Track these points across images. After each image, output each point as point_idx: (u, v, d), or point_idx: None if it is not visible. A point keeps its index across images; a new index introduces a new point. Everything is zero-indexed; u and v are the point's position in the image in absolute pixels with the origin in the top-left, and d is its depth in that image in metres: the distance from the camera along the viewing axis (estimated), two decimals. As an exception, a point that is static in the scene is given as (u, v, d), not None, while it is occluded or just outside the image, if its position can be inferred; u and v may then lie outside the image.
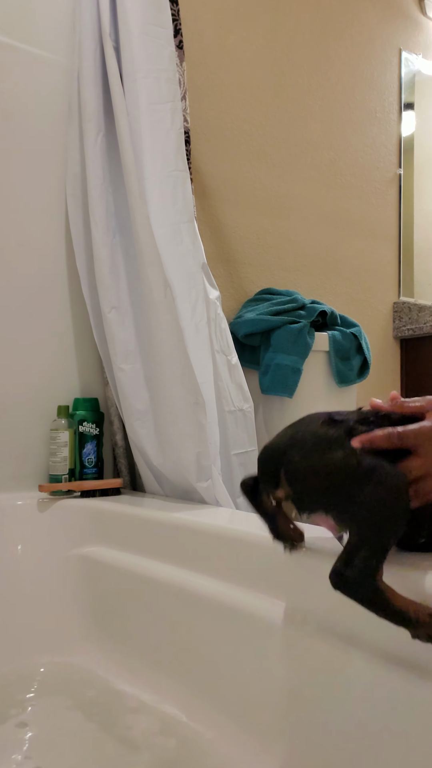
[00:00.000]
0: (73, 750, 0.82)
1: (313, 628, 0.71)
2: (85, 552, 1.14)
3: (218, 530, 0.91)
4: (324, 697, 0.69)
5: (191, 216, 1.29)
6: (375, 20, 2.06)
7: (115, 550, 1.09)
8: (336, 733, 0.67)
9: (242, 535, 0.86)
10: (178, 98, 1.30)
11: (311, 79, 1.89)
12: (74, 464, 1.29)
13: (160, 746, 0.82)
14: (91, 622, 1.10)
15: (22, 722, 0.89)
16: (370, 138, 2.04)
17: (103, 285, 1.28)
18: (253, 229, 1.75)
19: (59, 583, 1.14)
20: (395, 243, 2.10)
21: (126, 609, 1.04)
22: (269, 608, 0.77)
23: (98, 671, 1.02)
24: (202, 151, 1.65)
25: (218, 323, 1.35)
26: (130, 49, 1.26)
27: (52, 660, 1.06)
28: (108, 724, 0.88)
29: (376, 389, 2.03)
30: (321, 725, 0.69)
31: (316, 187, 1.90)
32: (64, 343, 1.38)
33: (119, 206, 1.32)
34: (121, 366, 1.27)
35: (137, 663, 0.99)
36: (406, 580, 0.60)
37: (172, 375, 1.17)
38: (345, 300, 1.96)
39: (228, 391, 1.34)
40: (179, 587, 0.92)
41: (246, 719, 0.79)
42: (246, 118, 1.74)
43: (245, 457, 1.36)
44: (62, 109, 1.39)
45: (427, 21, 2.24)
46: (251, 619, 0.79)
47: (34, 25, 1.35)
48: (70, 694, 0.97)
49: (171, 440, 1.19)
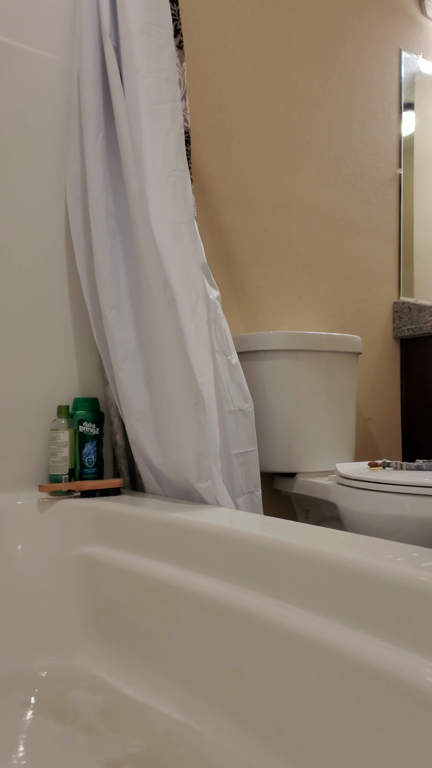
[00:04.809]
0: (73, 750, 0.82)
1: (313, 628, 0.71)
2: (85, 552, 1.14)
3: (218, 530, 0.91)
4: (324, 697, 0.69)
5: (191, 216, 1.29)
6: (375, 20, 2.07)
7: (115, 550, 1.09)
8: (336, 733, 0.67)
9: (242, 535, 0.86)
10: (178, 98, 1.30)
11: (311, 79, 1.89)
12: (74, 464, 1.29)
13: (160, 746, 0.82)
14: (91, 622, 1.10)
15: (22, 722, 0.89)
16: (370, 138, 2.05)
17: (103, 285, 1.28)
18: (253, 229, 1.75)
19: (59, 583, 1.14)
20: (395, 243, 2.10)
21: (126, 609, 1.04)
22: (269, 608, 0.77)
23: (98, 671, 1.02)
24: (202, 151, 1.65)
25: (218, 323, 1.35)
26: (130, 49, 1.26)
27: (52, 660, 1.06)
28: (108, 724, 0.88)
29: (377, 389, 2.03)
30: (321, 725, 0.69)
31: (316, 187, 1.90)
32: (64, 343, 1.38)
33: (119, 206, 1.32)
34: (121, 366, 1.27)
35: (137, 662, 0.99)
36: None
37: (172, 375, 1.17)
38: (345, 300, 1.96)
39: (228, 391, 1.34)
40: (179, 587, 0.92)
41: (246, 719, 0.79)
42: (246, 118, 1.74)
43: (245, 457, 1.36)
44: (62, 109, 1.39)
45: (427, 21, 2.25)
46: (251, 619, 0.79)
47: (34, 25, 1.35)
48: (70, 694, 0.97)
49: (171, 440, 1.19)
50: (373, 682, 0.64)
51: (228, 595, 0.84)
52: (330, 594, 0.72)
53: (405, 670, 0.61)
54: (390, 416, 2.07)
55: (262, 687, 0.77)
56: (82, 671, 1.03)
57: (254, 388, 1.55)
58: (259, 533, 0.85)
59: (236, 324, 1.69)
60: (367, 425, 2.00)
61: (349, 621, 0.69)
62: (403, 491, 1.27)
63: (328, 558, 0.73)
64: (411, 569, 0.65)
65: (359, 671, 0.65)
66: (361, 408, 1.98)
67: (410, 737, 0.60)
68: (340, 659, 0.67)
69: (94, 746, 0.83)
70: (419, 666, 0.61)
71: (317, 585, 0.74)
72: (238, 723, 0.80)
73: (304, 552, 0.76)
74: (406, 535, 1.27)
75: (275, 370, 1.57)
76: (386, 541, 0.77)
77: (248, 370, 1.57)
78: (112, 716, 0.90)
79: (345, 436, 1.67)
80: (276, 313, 1.79)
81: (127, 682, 0.97)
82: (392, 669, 0.62)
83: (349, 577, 0.70)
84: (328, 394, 1.62)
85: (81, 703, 0.94)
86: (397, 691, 0.61)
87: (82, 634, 1.10)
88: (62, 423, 1.29)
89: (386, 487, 1.29)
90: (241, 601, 0.82)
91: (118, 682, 0.98)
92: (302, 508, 1.72)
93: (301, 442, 1.59)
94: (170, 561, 0.97)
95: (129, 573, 1.03)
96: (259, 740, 0.76)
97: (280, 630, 0.75)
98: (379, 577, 0.67)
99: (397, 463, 1.46)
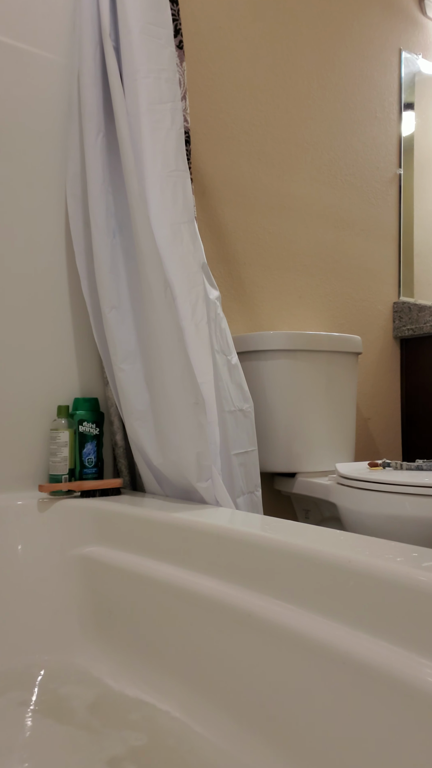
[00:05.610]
0: (72, 750, 0.82)
1: (313, 628, 0.71)
2: (86, 552, 1.14)
3: (218, 530, 0.91)
4: (324, 697, 0.69)
5: (191, 216, 1.29)
6: (375, 20, 2.07)
7: (115, 550, 1.09)
8: (336, 733, 0.67)
9: (242, 535, 0.86)
10: (178, 98, 1.30)
11: (311, 79, 1.89)
12: (74, 464, 1.29)
13: (160, 746, 0.82)
14: (91, 622, 1.10)
15: (22, 723, 0.89)
16: (370, 138, 2.05)
17: (103, 285, 1.28)
18: (253, 229, 1.75)
19: (59, 583, 1.14)
20: (395, 243, 2.11)
21: (126, 609, 1.04)
22: (269, 608, 0.77)
23: (98, 671, 1.02)
24: (202, 151, 1.65)
25: (218, 323, 1.35)
26: (130, 49, 1.26)
27: (52, 660, 1.06)
28: (108, 724, 0.88)
29: (377, 389, 2.03)
30: (321, 725, 0.69)
31: (316, 187, 1.90)
32: (64, 343, 1.38)
33: (119, 206, 1.32)
34: (121, 366, 1.27)
35: (137, 663, 0.99)
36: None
37: (172, 375, 1.17)
38: (345, 300, 1.96)
39: (228, 391, 1.34)
40: (179, 587, 0.92)
41: (246, 719, 0.79)
42: (246, 118, 1.74)
43: (245, 457, 1.36)
44: (62, 109, 1.39)
45: (427, 21, 2.25)
46: (251, 619, 0.79)
47: (34, 25, 1.36)
48: (70, 694, 0.97)
49: (171, 440, 1.19)
50: (373, 682, 0.64)
51: (228, 595, 0.84)
52: (330, 594, 0.72)
53: (405, 670, 0.61)
54: (390, 416, 2.07)
55: (261, 687, 0.77)
56: (82, 670, 1.03)
57: (254, 388, 1.55)
58: (259, 533, 0.85)
59: (236, 324, 1.69)
60: (367, 425, 2.00)
61: (349, 621, 0.69)
62: (403, 491, 1.27)
63: (328, 558, 0.73)
64: (411, 569, 0.65)
65: (359, 671, 0.65)
66: (361, 408, 1.98)
67: (410, 737, 0.60)
68: (340, 659, 0.67)
69: (95, 744, 0.83)
70: (419, 666, 0.61)
71: (317, 585, 0.74)
72: (237, 722, 0.80)
73: (305, 552, 0.76)
74: (406, 535, 1.27)
75: (275, 370, 1.57)
76: (386, 541, 0.77)
77: (248, 370, 1.57)
78: (112, 715, 0.90)
79: (345, 436, 1.67)
80: (276, 313, 1.79)
81: (127, 681, 0.97)
82: (392, 669, 0.62)
83: (349, 577, 0.70)
84: (328, 394, 1.62)
85: (81, 702, 0.94)
86: (397, 691, 0.61)
87: (82, 633, 1.10)
88: (62, 423, 1.29)
89: (386, 487, 1.29)
90: (241, 601, 0.82)
91: (118, 681, 0.98)
92: (302, 508, 1.72)
93: (301, 442, 1.59)
94: (170, 561, 0.97)
95: (129, 573, 1.03)
96: (258, 740, 0.76)
97: (280, 630, 0.75)
98: (379, 577, 0.67)
99: (397, 463, 1.46)
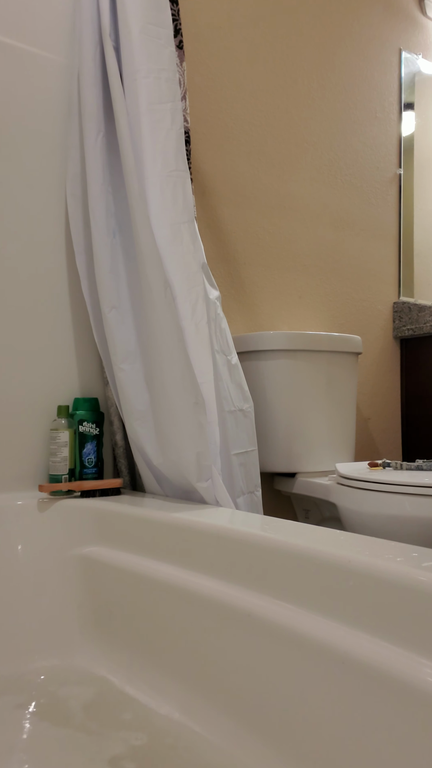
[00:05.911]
0: (72, 750, 0.82)
1: (313, 628, 0.71)
2: (86, 552, 1.14)
3: (218, 530, 0.91)
4: (324, 697, 0.69)
5: (191, 216, 1.29)
6: (375, 20, 2.06)
7: (116, 550, 1.09)
8: (335, 733, 0.67)
9: (242, 535, 0.86)
10: (178, 98, 1.30)
11: (311, 79, 1.89)
12: (74, 464, 1.29)
13: (160, 745, 0.82)
14: (90, 622, 1.10)
15: (22, 723, 0.89)
16: (370, 138, 2.05)
17: (103, 285, 1.28)
18: (253, 229, 1.75)
19: (59, 584, 1.14)
20: (395, 243, 2.10)
21: (126, 609, 1.04)
22: (269, 608, 0.77)
23: (98, 671, 1.02)
24: (202, 151, 1.65)
25: (218, 323, 1.35)
26: (130, 49, 1.26)
27: (52, 659, 1.06)
28: (107, 723, 0.88)
29: (377, 389, 2.03)
30: (321, 725, 0.69)
31: (316, 187, 1.90)
32: (64, 343, 1.38)
33: (119, 206, 1.32)
34: (121, 366, 1.27)
35: (137, 663, 0.99)
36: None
37: (172, 375, 1.17)
38: (345, 300, 1.96)
39: (228, 391, 1.34)
40: (179, 587, 0.92)
41: (245, 719, 0.79)
42: (246, 118, 1.74)
43: (245, 457, 1.36)
44: (62, 109, 1.39)
45: (427, 21, 2.24)
46: (251, 619, 0.79)
47: (34, 25, 1.35)
48: (69, 695, 0.97)
49: (171, 440, 1.19)
50: (372, 682, 0.64)
51: (228, 595, 0.84)
52: (330, 594, 0.72)
53: (405, 670, 0.61)
54: (390, 416, 2.07)
55: (261, 686, 0.77)
56: (82, 671, 1.03)
57: (254, 388, 1.55)
58: (259, 533, 0.85)
59: (236, 324, 1.69)
60: (367, 425, 2.00)
61: (349, 621, 0.69)
62: (403, 491, 1.27)
63: (328, 558, 0.73)
64: (411, 569, 0.65)
65: (359, 671, 0.65)
66: (361, 408, 1.98)
67: (410, 737, 0.60)
68: (339, 659, 0.67)
69: (95, 744, 0.83)
70: (419, 666, 0.61)
71: (317, 585, 0.74)
72: (237, 722, 0.80)
73: (304, 552, 0.76)
74: (406, 535, 1.27)
75: (275, 370, 1.57)
76: (386, 541, 0.77)
77: (248, 370, 1.57)
78: (111, 715, 0.90)
79: (345, 436, 1.67)
80: (276, 313, 1.79)
81: (127, 681, 0.97)
82: (392, 669, 0.62)
83: (349, 577, 0.70)
84: (328, 394, 1.62)
85: (80, 702, 0.94)
86: (397, 691, 0.61)
87: (82, 634, 1.10)
88: (62, 423, 1.29)
89: (386, 487, 1.29)
90: (240, 601, 0.82)
91: (118, 681, 0.98)
92: (302, 508, 1.72)
93: (301, 442, 1.59)
94: (170, 561, 0.97)
95: (129, 573, 1.03)
96: (258, 739, 0.76)
97: (280, 630, 0.75)
98: (379, 577, 0.67)
99: (397, 463, 1.46)
